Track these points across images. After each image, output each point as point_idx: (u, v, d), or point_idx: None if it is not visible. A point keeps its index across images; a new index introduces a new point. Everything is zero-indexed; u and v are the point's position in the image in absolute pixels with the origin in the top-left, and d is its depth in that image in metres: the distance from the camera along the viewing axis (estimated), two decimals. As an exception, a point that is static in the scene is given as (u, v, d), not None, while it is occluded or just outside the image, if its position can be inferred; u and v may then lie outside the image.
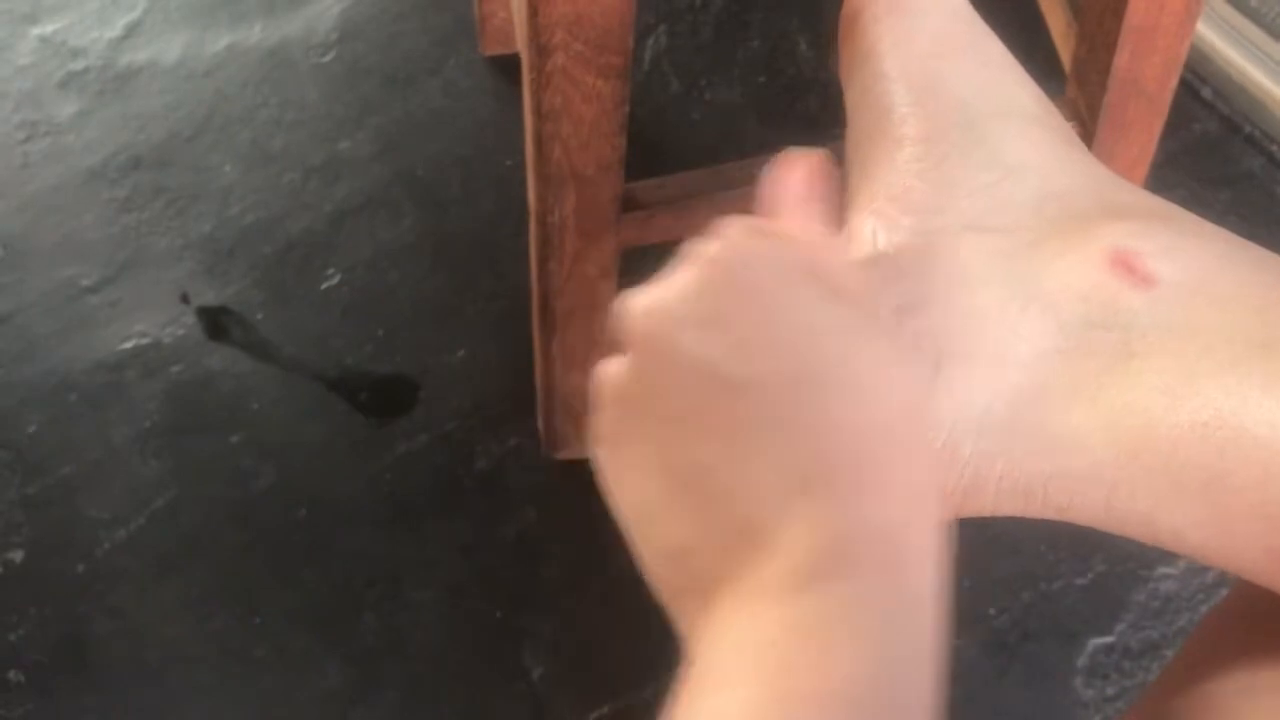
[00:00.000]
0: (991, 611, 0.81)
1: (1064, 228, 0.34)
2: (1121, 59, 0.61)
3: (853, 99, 0.39)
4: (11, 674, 0.79)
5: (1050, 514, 0.33)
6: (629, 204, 0.66)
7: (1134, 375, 0.32)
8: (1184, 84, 0.98)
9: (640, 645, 0.80)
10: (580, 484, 0.89)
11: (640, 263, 0.74)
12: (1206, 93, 0.98)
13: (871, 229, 0.35)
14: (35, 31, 1.03)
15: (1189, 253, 0.33)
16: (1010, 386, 0.33)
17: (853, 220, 0.36)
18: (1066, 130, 0.38)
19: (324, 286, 0.92)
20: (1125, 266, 0.33)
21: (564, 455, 0.84)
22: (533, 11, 0.53)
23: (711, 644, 0.28)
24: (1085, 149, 0.38)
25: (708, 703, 0.27)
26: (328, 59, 1.02)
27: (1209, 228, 0.35)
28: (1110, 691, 0.79)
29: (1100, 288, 0.33)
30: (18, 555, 0.83)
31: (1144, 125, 0.65)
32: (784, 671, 0.26)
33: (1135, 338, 0.32)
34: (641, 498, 0.31)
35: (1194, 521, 0.32)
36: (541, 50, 0.54)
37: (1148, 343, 0.32)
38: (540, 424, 0.84)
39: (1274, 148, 0.97)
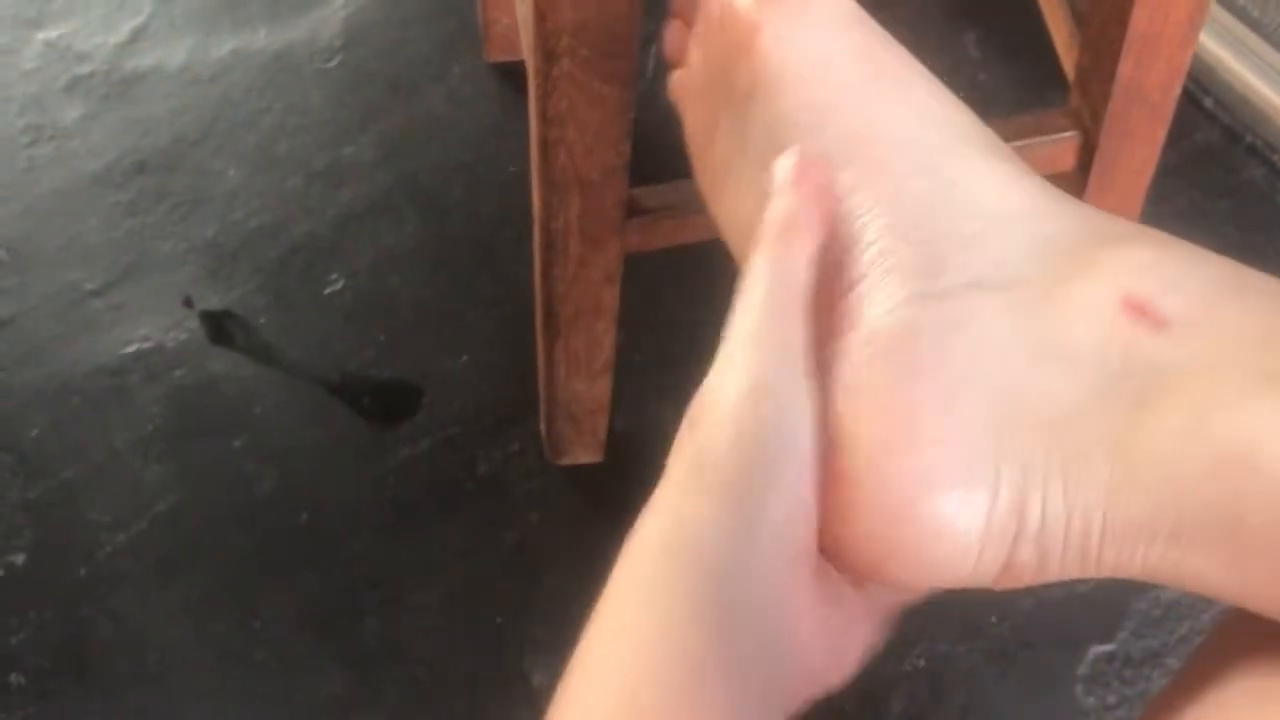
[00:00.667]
0: (992, 619, 0.81)
1: (1065, 271, 0.34)
2: (1125, 67, 0.61)
3: (754, 131, 0.36)
4: (13, 677, 0.79)
5: (1105, 573, 0.33)
6: (633, 209, 0.67)
7: (1153, 421, 0.32)
8: (1186, 94, 0.98)
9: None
10: (582, 489, 0.90)
11: (644, 268, 0.75)
12: (1208, 102, 0.99)
13: (867, 301, 0.34)
14: (40, 36, 1.03)
15: (1192, 284, 0.33)
16: (1051, 453, 0.32)
17: (845, 298, 0.34)
18: (1004, 147, 0.37)
19: (327, 291, 0.92)
20: (1137, 311, 0.33)
21: (566, 461, 0.84)
22: (540, 17, 0.53)
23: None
24: (1014, 155, 0.37)
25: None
26: (332, 65, 1.02)
27: (1192, 247, 0.35)
28: (1111, 700, 0.79)
29: (1116, 335, 0.33)
30: (19, 558, 0.83)
31: (1147, 134, 0.66)
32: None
33: (1152, 382, 0.32)
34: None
35: (1215, 562, 0.31)
36: (548, 56, 0.55)
37: (1163, 386, 0.32)
38: (542, 429, 0.84)
39: (1275, 158, 0.97)
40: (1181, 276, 0.33)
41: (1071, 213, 0.36)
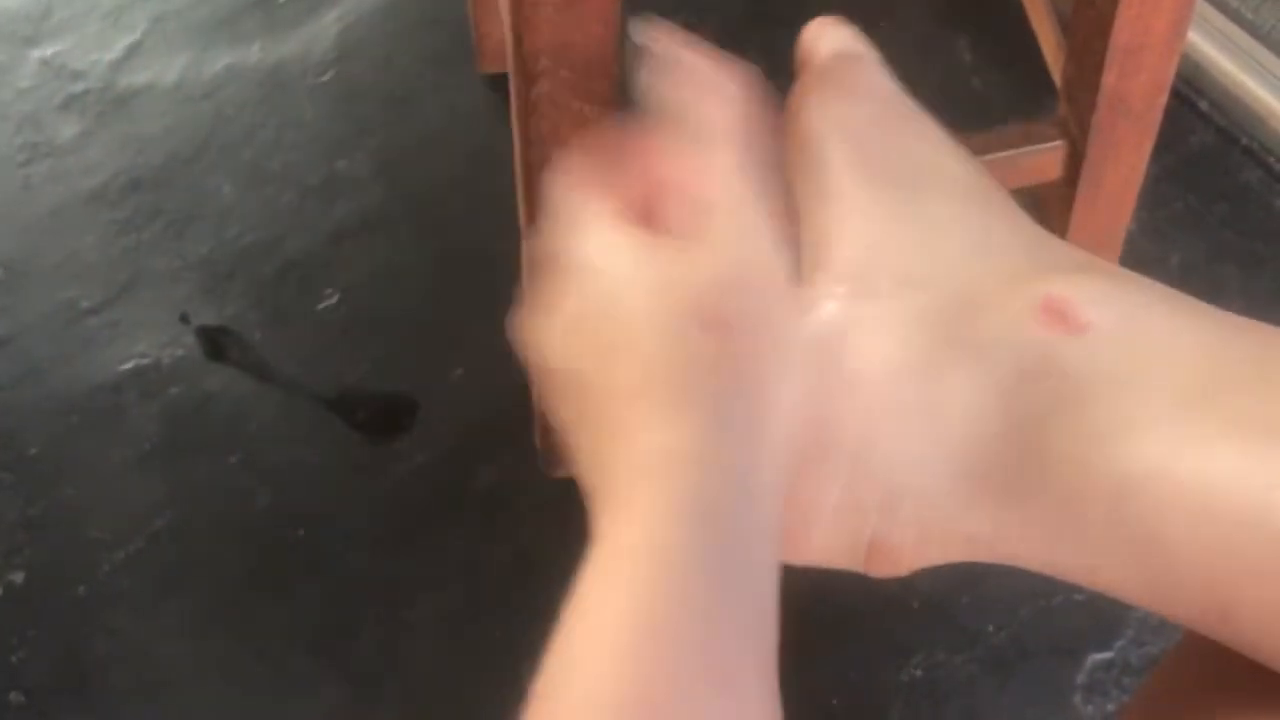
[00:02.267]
0: (990, 628, 0.81)
1: (995, 282, 0.34)
2: (1109, 79, 0.61)
3: (797, 183, 0.39)
4: (12, 695, 0.79)
5: (997, 560, 0.34)
6: (620, 226, 0.67)
7: (1071, 426, 0.31)
8: (1181, 97, 0.98)
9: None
10: (578, 502, 0.90)
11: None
12: (1204, 105, 0.98)
13: (803, 299, 0.35)
14: (36, 54, 1.04)
15: (1122, 301, 0.33)
16: (946, 441, 0.33)
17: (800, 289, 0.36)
18: (1000, 193, 0.38)
19: (322, 306, 0.93)
20: (1056, 314, 0.33)
21: (561, 473, 0.85)
22: (517, 40, 0.53)
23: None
24: (1017, 208, 0.38)
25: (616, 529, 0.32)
26: (326, 79, 1.02)
27: (1145, 281, 0.35)
28: (1110, 708, 0.79)
29: (1032, 337, 0.33)
30: (19, 576, 0.83)
31: (1133, 144, 0.65)
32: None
33: (1070, 387, 0.32)
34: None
35: (1133, 575, 0.32)
36: (527, 77, 0.55)
37: (1083, 392, 0.32)
38: (537, 442, 0.85)
39: (1271, 160, 0.97)
40: (1113, 294, 0.33)
41: (1019, 233, 0.36)
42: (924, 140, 0.39)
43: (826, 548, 0.34)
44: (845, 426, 0.33)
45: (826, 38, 0.41)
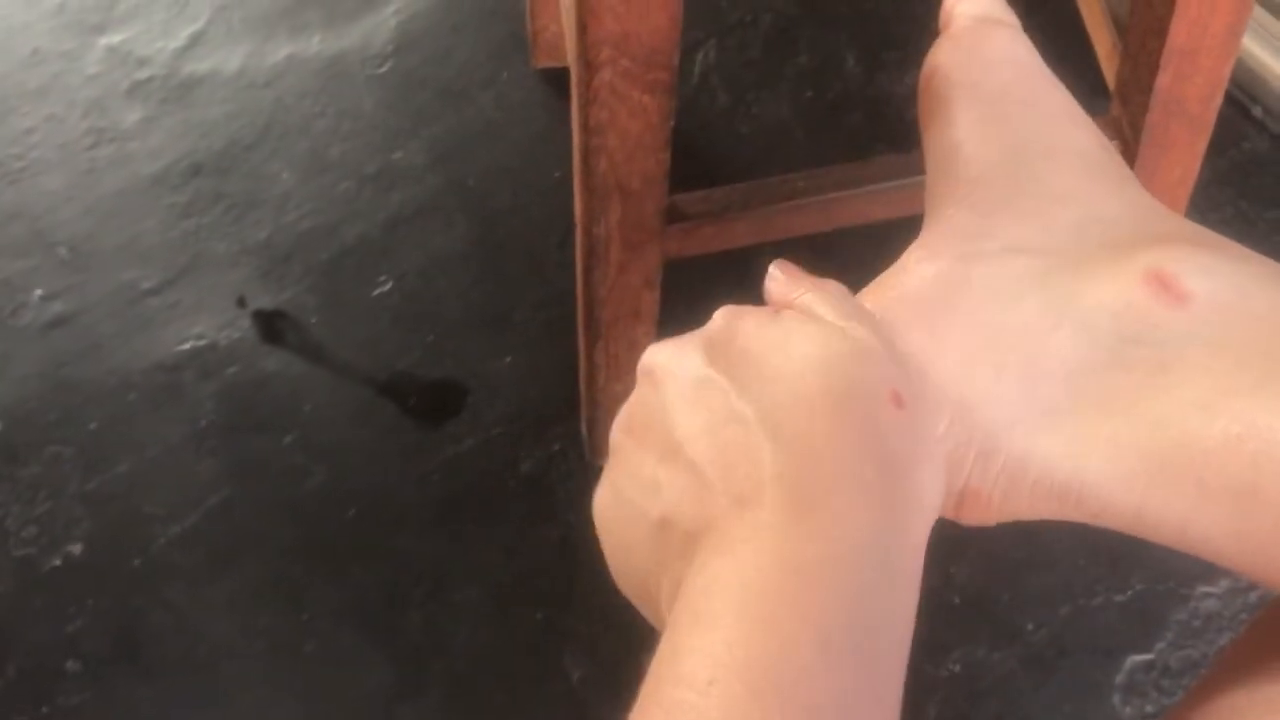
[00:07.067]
0: (1029, 626, 0.81)
1: (1103, 251, 0.35)
2: (1164, 79, 0.61)
3: (928, 147, 0.41)
4: (69, 663, 0.81)
5: (1084, 518, 0.34)
6: (673, 216, 0.68)
7: (1168, 389, 0.32)
8: (1234, 102, 0.98)
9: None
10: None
11: (683, 273, 0.76)
12: (1257, 111, 0.98)
13: (915, 260, 0.36)
14: (103, 41, 1.06)
15: (1225, 273, 0.34)
16: (1044, 398, 0.34)
17: (903, 257, 0.38)
18: (1121, 167, 0.39)
19: (376, 293, 0.94)
20: (1160, 284, 0.34)
21: (605, 460, 0.86)
22: (582, 29, 0.54)
23: (690, 588, 0.32)
24: (1137, 183, 0.39)
25: (691, 642, 0.30)
26: (384, 70, 1.04)
27: (1251, 253, 0.35)
28: (1149, 709, 0.79)
29: (1135, 304, 0.34)
30: (77, 548, 0.85)
31: (1187, 145, 0.66)
32: (760, 612, 0.30)
33: (1169, 353, 0.33)
34: (622, 493, 0.36)
35: (1225, 532, 0.32)
36: (589, 66, 0.56)
37: (1182, 358, 0.33)
38: (584, 430, 0.86)
39: (1324, 167, 0.96)
40: (1216, 264, 0.34)
41: (1134, 205, 0.37)
42: (1053, 111, 0.39)
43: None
44: (947, 381, 0.34)
45: (967, 1, 0.42)
